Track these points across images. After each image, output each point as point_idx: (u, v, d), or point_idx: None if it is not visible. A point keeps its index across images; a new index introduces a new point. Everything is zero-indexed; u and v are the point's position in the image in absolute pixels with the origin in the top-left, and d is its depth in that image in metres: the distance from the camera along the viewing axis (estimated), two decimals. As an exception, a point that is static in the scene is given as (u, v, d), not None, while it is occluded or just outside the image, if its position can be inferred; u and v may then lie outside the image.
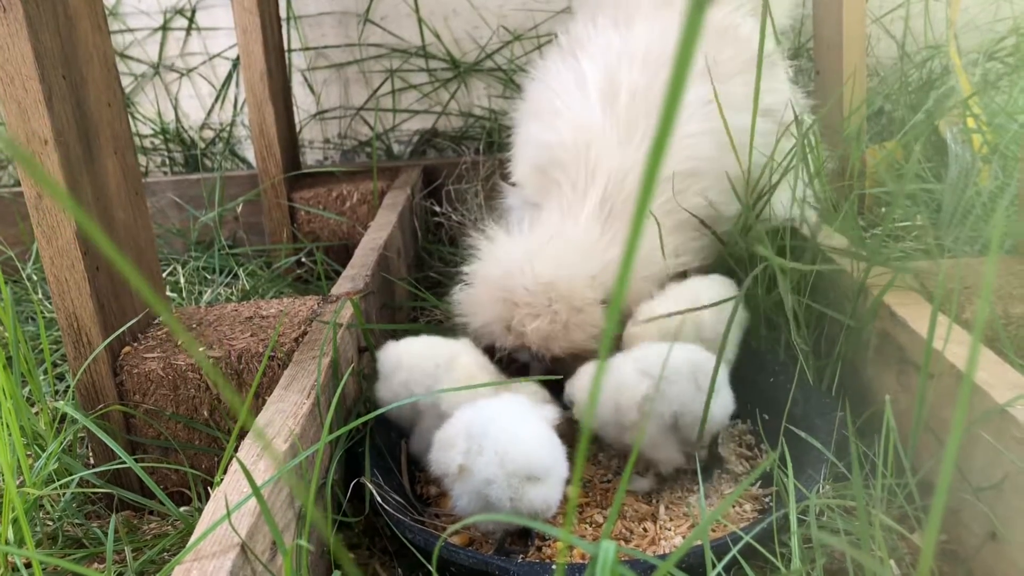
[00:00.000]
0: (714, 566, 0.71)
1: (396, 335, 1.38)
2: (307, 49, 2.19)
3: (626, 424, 0.94)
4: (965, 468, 0.81)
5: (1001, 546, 0.76)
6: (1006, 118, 1.49)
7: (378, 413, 0.94)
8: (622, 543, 0.89)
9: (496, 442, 0.81)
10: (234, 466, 0.74)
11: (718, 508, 0.78)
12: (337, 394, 0.91)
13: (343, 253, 1.82)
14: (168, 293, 1.59)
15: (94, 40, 1.01)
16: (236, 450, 0.80)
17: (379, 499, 0.88)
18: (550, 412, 0.92)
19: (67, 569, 0.88)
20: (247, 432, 0.84)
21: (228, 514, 0.65)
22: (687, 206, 1.16)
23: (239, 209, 1.92)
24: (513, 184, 1.36)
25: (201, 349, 1.02)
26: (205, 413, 1.03)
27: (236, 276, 1.72)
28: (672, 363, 0.91)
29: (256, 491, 0.64)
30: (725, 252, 1.21)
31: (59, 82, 0.93)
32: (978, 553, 0.79)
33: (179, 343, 1.05)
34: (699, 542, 0.73)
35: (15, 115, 0.91)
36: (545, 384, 1.03)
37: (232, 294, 1.64)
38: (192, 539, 0.66)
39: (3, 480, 0.84)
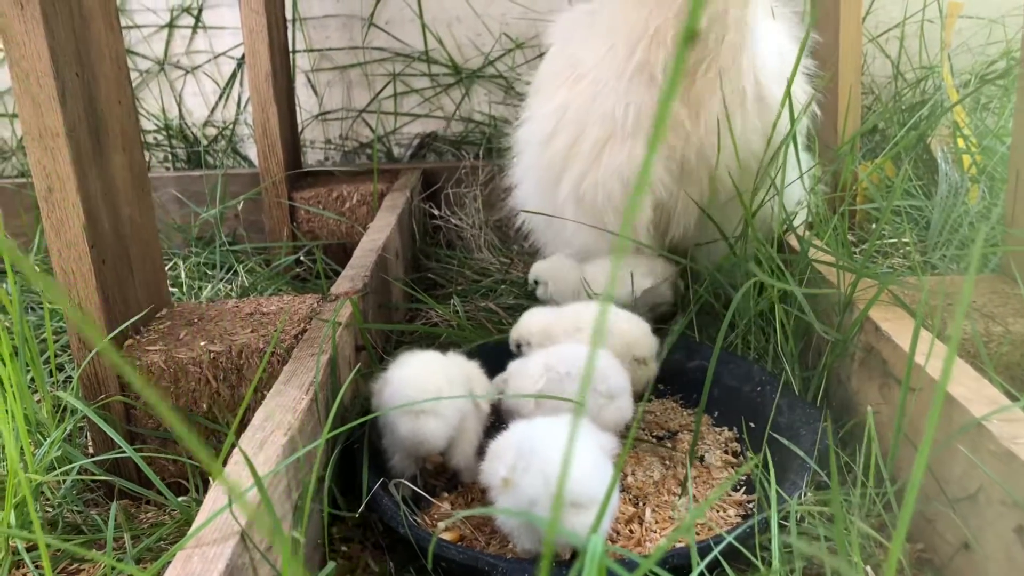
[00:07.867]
0: (696, 566, 0.74)
1: (392, 335, 1.40)
2: (311, 51, 2.21)
3: (524, 412, 1.00)
4: (942, 479, 0.83)
5: (973, 556, 0.78)
6: (995, 140, 1.52)
7: None
8: (608, 543, 0.91)
9: (545, 463, 0.78)
10: (235, 456, 0.76)
11: (699, 508, 0.80)
12: (341, 393, 0.93)
13: (341, 253, 1.84)
14: (169, 288, 1.61)
15: (107, 39, 1.03)
16: (236, 442, 0.82)
17: (373, 494, 0.90)
18: (607, 441, 0.89)
19: (67, 554, 0.90)
20: (247, 424, 0.86)
21: (230, 503, 0.68)
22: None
23: (240, 207, 1.94)
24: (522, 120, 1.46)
25: (203, 343, 1.05)
26: (204, 406, 1.05)
27: (235, 273, 1.74)
28: (576, 363, 0.99)
29: (258, 481, 0.66)
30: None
31: (72, 79, 0.95)
32: (951, 562, 0.82)
33: (181, 336, 1.07)
34: (681, 542, 0.75)
35: (29, 110, 0.93)
36: None
37: (231, 290, 1.66)
38: (194, 527, 0.68)
39: (8, 466, 0.86)
